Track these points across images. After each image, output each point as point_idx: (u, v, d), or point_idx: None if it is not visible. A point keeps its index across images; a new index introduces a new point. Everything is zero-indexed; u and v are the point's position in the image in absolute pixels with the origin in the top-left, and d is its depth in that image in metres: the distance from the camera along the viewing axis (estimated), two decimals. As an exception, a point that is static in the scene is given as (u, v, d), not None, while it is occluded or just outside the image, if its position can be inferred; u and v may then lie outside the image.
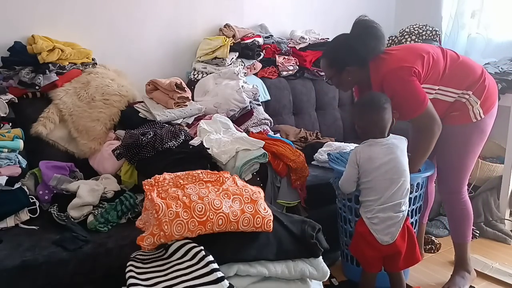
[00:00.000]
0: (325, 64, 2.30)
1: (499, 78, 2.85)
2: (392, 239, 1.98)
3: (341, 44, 2.23)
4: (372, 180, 2.01)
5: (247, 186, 1.67)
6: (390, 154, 2.01)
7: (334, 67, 2.24)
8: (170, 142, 2.19)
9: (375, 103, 2.03)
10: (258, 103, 2.87)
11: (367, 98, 2.09)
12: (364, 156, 2.02)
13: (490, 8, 3.22)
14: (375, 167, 2.00)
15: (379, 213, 1.99)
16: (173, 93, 2.49)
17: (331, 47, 2.32)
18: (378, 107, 2.02)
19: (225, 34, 2.99)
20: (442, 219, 3.00)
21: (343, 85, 2.31)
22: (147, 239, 1.48)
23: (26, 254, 1.75)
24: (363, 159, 2.02)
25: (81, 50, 2.53)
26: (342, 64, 2.20)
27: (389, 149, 2.02)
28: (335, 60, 2.24)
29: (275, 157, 2.33)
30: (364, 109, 2.08)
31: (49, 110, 2.38)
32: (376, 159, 2.01)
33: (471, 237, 2.35)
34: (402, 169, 2.01)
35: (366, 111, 2.06)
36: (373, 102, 2.04)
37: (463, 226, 2.32)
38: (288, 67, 3.18)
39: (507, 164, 2.91)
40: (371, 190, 2.02)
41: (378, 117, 2.02)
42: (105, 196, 2.10)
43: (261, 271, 1.55)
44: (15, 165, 2.09)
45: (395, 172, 2.00)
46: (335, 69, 2.24)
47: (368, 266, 2.10)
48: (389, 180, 1.99)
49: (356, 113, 2.13)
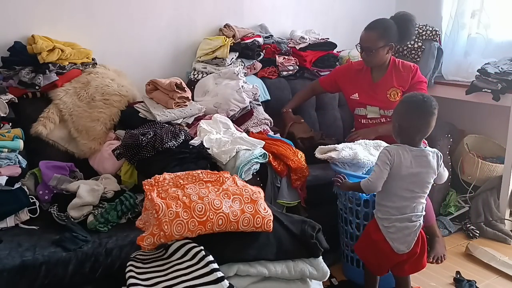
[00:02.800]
0: (375, 35, 2.59)
1: (499, 78, 2.85)
2: (408, 248, 1.94)
3: (392, 24, 2.62)
4: (395, 187, 1.92)
5: (247, 186, 1.67)
6: (420, 167, 1.91)
7: (384, 39, 2.59)
8: (170, 142, 2.19)
9: (427, 107, 1.89)
10: (258, 103, 2.86)
11: (419, 99, 1.92)
12: (396, 160, 1.90)
13: (490, 8, 3.22)
14: (402, 175, 1.90)
15: (396, 222, 1.93)
16: (173, 93, 2.49)
17: (382, 23, 2.63)
18: (429, 112, 1.89)
19: (225, 34, 2.99)
20: (442, 219, 3.01)
21: (378, 58, 2.65)
22: (147, 239, 1.48)
23: (26, 254, 1.75)
24: (396, 162, 1.90)
25: (81, 50, 2.52)
26: (390, 39, 2.60)
27: (421, 160, 1.92)
28: (387, 33, 2.59)
29: (275, 157, 2.33)
30: (413, 110, 1.92)
31: (49, 110, 2.38)
32: (405, 166, 1.90)
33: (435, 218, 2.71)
34: (426, 185, 1.94)
35: (415, 112, 1.91)
36: (425, 105, 1.89)
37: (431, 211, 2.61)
38: (288, 67, 3.18)
39: (507, 164, 2.91)
40: (391, 195, 1.94)
41: (425, 123, 1.90)
42: (105, 196, 2.10)
43: (261, 271, 1.55)
44: (15, 165, 2.09)
45: (419, 186, 1.93)
46: (384, 41, 2.59)
47: (376, 270, 2.07)
48: (411, 192, 1.92)
49: (403, 111, 1.95)
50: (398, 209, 1.93)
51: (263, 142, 2.36)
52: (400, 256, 1.96)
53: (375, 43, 2.61)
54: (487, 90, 2.89)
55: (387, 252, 1.95)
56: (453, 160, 3.18)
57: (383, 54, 2.64)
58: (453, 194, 3.16)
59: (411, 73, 2.73)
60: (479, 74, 2.95)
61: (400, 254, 1.95)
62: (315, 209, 2.37)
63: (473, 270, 2.52)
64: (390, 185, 1.93)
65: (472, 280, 2.38)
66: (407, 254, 1.96)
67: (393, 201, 1.94)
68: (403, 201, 1.93)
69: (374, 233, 1.99)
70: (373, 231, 2.00)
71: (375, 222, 2.01)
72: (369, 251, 2.03)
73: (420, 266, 2.06)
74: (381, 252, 1.97)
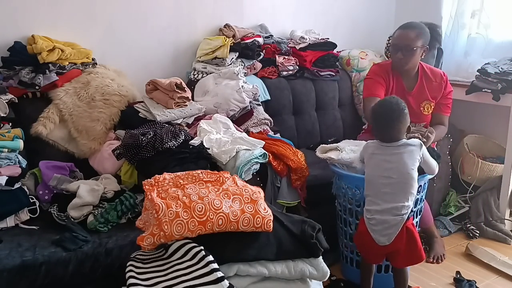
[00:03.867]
0: (413, 34, 2.47)
1: (499, 78, 2.85)
2: (389, 240, 1.99)
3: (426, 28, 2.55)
4: (371, 175, 2.05)
5: (247, 186, 1.67)
6: (394, 154, 2.02)
7: (421, 39, 2.48)
8: (170, 142, 2.19)
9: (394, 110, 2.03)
10: (258, 103, 2.86)
11: (388, 103, 2.09)
12: (368, 151, 2.09)
13: (490, 8, 3.22)
14: (376, 163, 2.05)
15: (376, 215, 2.00)
16: (173, 93, 2.49)
17: (419, 24, 2.56)
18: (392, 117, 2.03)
19: (225, 34, 2.99)
20: (442, 219, 3.00)
21: (411, 59, 2.50)
22: (147, 239, 1.48)
23: (26, 254, 1.75)
24: (367, 153, 2.09)
25: (81, 50, 2.53)
26: (427, 40, 2.52)
27: (395, 149, 2.03)
28: (425, 35, 2.51)
29: (275, 157, 2.33)
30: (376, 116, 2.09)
31: (49, 110, 2.38)
32: (377, 155, 2.05)
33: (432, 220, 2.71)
34: (404, 171, 2.00)
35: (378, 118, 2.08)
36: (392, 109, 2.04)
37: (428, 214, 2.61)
38: (288, 67, 3.18)
39: (507, 164, 2.91)
40: (370, 184, 2.05)
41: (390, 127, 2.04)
42: (105, 196, 2.10)
43: (261, 271, 1.55)
44: (15, 165, 2.09)
45: (395, 172, 2.00)
46: (421, 41, 2.48)
47: (367, 259, 2.16)
48: (386, 178, 2.00)
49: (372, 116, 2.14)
50: (376, 196, 2.01)
51: (263, 142, 2.36)
52: (383, 248, 2.01)
53: (412, 42, 2.45)
54: (487, 90, 2.89)
55: (369, 242, 2.03)
56: (453, 160, 3.18)
57: (419, 55, 2.51)
58: (453, 194, 3.16)
59: (443, 82, 2.62)
60: (479, 74, 2.95)
61: (383, 246, 2.00)
62: (315, 209, 2.37)
63: (473, 270, 2.52)
64: (368, 173, 2.08)
65: (472, 280, 2.38)
66: (391, 247, 2.00)
67: (372, 189, 2.04)
68: (381, 187, 2.01)
69: (361, 224, 2.09)
70: (361, 222, 2.10)
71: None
72: (357, 240, 2.15)
73: (416, 259, 2.09)
74: (365, 243, 2.07)
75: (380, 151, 2.06)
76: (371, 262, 2.17)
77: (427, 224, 2.62)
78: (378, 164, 2.05)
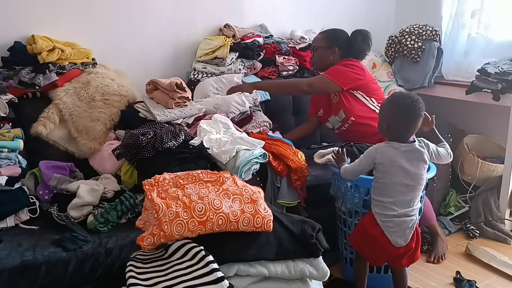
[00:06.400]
0: (321, 36, 2.78)
1: (499, 78, 2.85)
2: (406, 241, 1.99)
3: (343, 31, 2.76)
4: (390, 183, 1.98)
5: (247, 186, 1.67)
6: (412, 161, 1.98)
7: (327, 40, 2.73)
8: (170, 142, 2.19)
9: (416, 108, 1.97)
10: (258, 108, 2.87)
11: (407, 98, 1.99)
12: (385, 157, 1.98)
13: (490, 8, 3.21)
14: (395, 171, 1.97)
15: (394, 218, 1.97)
16: (173, 93, 2.49)
17: (334, 28, 2.79)
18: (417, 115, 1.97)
19: (225, 34, 2.99)
20: (442, 219, 3.00)
21: (321, 61, 2.75)
22: (147, 239, 1.48)
23: (26, 254, 1.75)
24: (385, 160, 1.98)
25: (81, 50, 2.52)
26: (334, 42, 2.71)
27: (411, 155, 1.99)
28: (331, 36, 2.73)
29: (275, 157, 2.33)
30: (401, 110, 1.98)
31: (49, 110, 2.38)
32: (397, 162, 1.97)
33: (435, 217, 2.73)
34: (419, 177, 2.00)
35: (403, 113, 1.98)
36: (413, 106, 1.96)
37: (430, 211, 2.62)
38: (288, 67, 3.18)
39: (507, 164, 2.91)
40: (388, 191, 1.98)
41: (413, 125, 1.98)
42: (105, 196, 2.10)
43: (261, 271, 1.55)
44: (15, 165, 2.09)
45: (413, 179, 1.98)
46: (326, 42, 2.72)
47: (373, 261, 2.12)
48: (406, 186, 1.98)
49: (390, 111, 2.03)
50: (394, 203, 1.97)
51: (263, 142, 2.35)
52: (397, 249, 1.99)
53: (319, 43, 2.76)
54: (487, 90, 2.89)
55: (384, 245, 1.99)
56: (453, 160, 3.17)
57: (328, 56, 2.73)
58: (453, 194, 3.16)
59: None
60: (479, 74, 2.95)
61: (397, 248, 1.99)
62: (315, 209, 2.37)
63: (473, 270, 2.52)
64: (385, 181, 1.99)
65: (472, 280, 2.38)
66: (404, 248, 2.00)
67: (390, 196, 1.98)
68: (399, 195, 1.97)
69: (370, 227, 2.02)
70: (369, 225, 2.03)
71: (371, 216, 2.04)
72: (365, 244, 2.07)
73: (416, 258, 2.11)
74: (379, 246, 2.00)
75: (399, 157, 1.97)
76: (375, 264, 2.14)
77: (430, 221, 2.62)
78: (397, 173, 1.97)
